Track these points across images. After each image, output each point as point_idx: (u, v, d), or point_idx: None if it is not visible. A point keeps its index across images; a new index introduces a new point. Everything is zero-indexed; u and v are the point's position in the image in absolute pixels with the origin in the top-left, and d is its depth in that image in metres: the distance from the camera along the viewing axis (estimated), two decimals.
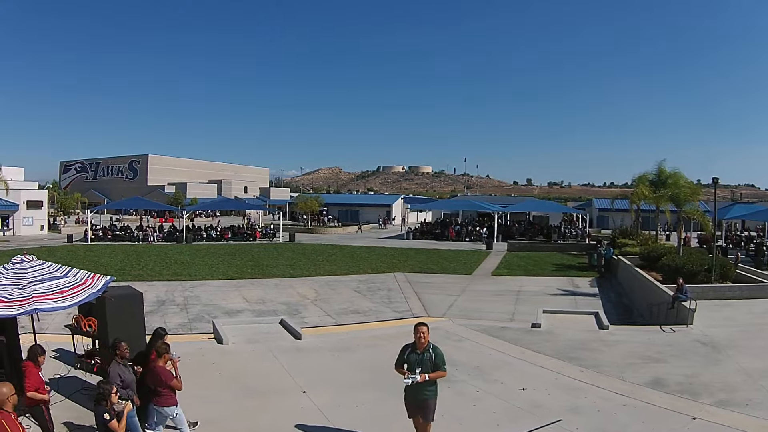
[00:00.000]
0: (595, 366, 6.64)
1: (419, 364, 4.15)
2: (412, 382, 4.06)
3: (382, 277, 17.00)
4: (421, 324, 4.33)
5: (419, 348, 4.24)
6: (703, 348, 7.59)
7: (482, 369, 6.32)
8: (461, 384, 5.30)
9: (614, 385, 5.97)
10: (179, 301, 13.38)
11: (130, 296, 5.79)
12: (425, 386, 4.17)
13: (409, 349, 4.30)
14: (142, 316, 5.86)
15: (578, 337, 8.09)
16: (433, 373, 4.16)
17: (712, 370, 6.64)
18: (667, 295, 10.06)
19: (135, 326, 5.64)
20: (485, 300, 13.79)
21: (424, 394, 4.20)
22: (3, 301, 4.40)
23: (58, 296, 4.76)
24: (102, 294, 5.24)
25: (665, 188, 17.14)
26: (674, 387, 5.96)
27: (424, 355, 4.20)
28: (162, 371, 4.43)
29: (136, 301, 5.79)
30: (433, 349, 4.27)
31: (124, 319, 5.45)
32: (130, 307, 5.64)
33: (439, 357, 4.24)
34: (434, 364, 4.19)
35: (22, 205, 33.06)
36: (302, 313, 12.16)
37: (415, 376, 4.06)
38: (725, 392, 5.81)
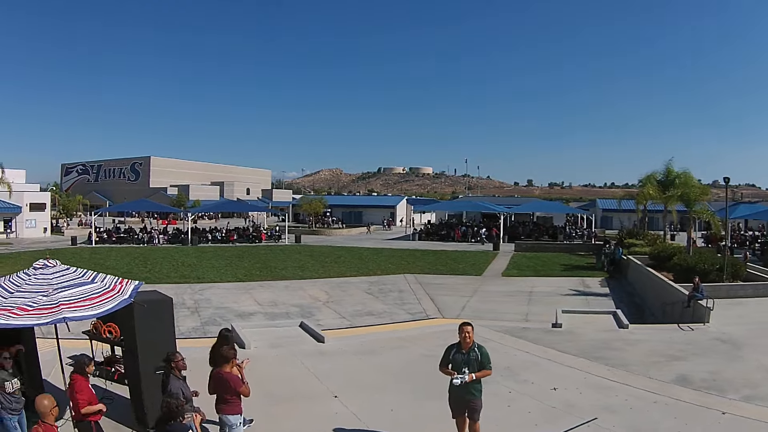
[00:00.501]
0: (622, 365, 6.71)
1: (466, 363, 4.19)
2: (461, 382, 4.09)
3: (393, 279, 17.03)
4: (465, 324, 4.38)
5: (464, 348, 4.28)
6: (722, 345, 7.70)
7: (512, 369, 6.38)
8: (494, 385, 5.35)
9: (642, 383, 6.06)
10: (190, 304, 13.36)
11: (161, 302, 5.55)
12: (472, 386, 4.20)
13: (454, 349, 4.34)
14: (172, 322, 5.62)
15: (600, 336, 8.17)
16: (480, 372, 4.22)
17: (734, 366, 6.75)
18: (682, 294, 10.17)
19: (165, 332, 5.40)
20: (498, 301, 13.85)
21: (471, 393, 4.23)
22: (26, 309, 4.11)
23: (87, 304, 4.42)
24: (133, 301, 4.86)
25: (674, 188, 17.24)
26: (700, 384, 6.06)
27: (470, 355, 4.24)
28: (231, 377, 4.25)
29: (166, 307, 5.56)
30: (479, 348, 4.31)
31: (154, 326, 5.17)
32: (159, 313, 5.39)
33: (485, 356, 4.29)
34: (480, 363, 4.24)
35: (24, 207, 32.99)
36: (316, 316, 12.13)
37: (464, 376, 4.10)
38: (749, 388, 5.92)
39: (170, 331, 5.53)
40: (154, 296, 5.83)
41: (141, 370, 4.98)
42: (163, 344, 5.18)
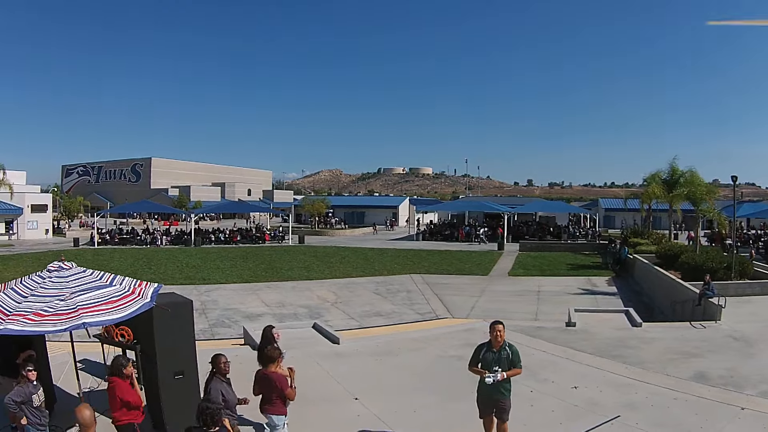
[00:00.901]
0: (639, 363, 6.75)
1: (497, 362, 4.17)
2: (493, 381, 4.06)
3: (399, 279, 17.04)
4: (497, 322, 4.37)
5: (495, 346, 4.27)
6: (735, 343, 7.76)
7: (531, 369, 6.37)
8: (515, 384, 5.30)
9: (661, 380, 6.10)
10: (197, 306, 12.99)
11: (181, 304, 5.33)
12: (502, 385, 4.18)
13: (484, 348, 4.32)
14: (192, 325, 5.43)
15: (614, 335, 8.21)
16: (511, 370, 4.21)
17: (749, 363, 6.81)
18: (692, 293, 10.23)
19: (184, 336, 5.24)
20: (506, 300, 13.88)
21: (501, 393, 4.21)
22: (41, 315, 3.88)
23: (108, 308, 4.23)
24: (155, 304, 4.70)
25: (680, 187, 17.30)
26: (717, 380, 6.11)
27: (501, 353, 4.23)
28: (277, 377, 4.17)
29: (185, 309, 5.34)
30: (510, 347, 4.30)
31: (173, 329, 4.99)
32: (179, 316, 5.18)
33: (516, 354, 4.28)
34: (511, 362, 4.23)
35: (26, 209, 32.90)
36: (325, 316, 12.09)
37: (496, 375, 4.07)
38: (766, 384, 5.98)
39: (190, 335, 5.36)
40: (173, 299, 5.62)
41: (159, 376, 4.85)
42: (182, 348, 5.07)
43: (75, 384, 5.29)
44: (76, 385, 5.08)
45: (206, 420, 3.12)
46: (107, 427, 4.68)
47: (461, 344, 7.61)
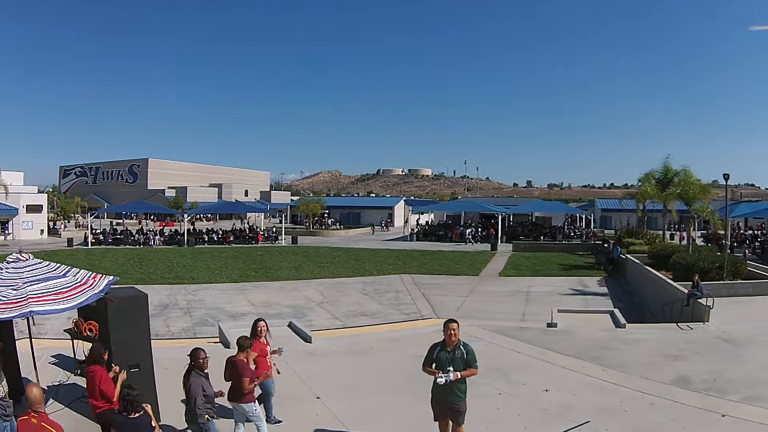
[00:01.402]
0: (618, 365, 6.50)
1: (450, 362, 3.98)
2: (445, 381, 3.88)
3: (389, 279, 16.85)
4: (451, 321, 4.18)
5: (449, 346, 4.08)
6: (723, 345, 7.49)
7: (503, 370, 6.17)
8: (483, 386, 5.14)
9: (639, 384, 5.84)
10: (183, 305, 13.22)
11: (135, 298, 5.34)
12: (457, 387, 4.01)
13: (438, 347, 4.14)
14: (147, 319, 5.43)
15: (596, 336, 7.96)
16: (466, 371, 4.01)
17: (735, 366, 6.54)
18: (681, 293, 9.95)
19: (140, 329, 5.19)
20: (495, 301, 13.65)
21: (456, 395, 4.02)
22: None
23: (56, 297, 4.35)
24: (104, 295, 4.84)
25: (673, 186, 17.04)
26: (699, 384, 5.85)
27: (455, 353, 4.05)
28: (239, 363, 4.25)
29: (140, 303, 5.37)
30: (464, 346, 4.11)
31: (128, 323, 5.04)
32: (134, 310, 5.16)
33: (471, 354, 4.08)
34: (466, 362, 4.03)
35: (21, 209, 32.89)
36: (309, 316, 11.98)
37: (449, 375, 3.89)
38: (751, 389, 5.70)
39: (145, 329, 5.37)
40: (129, 293, 5.67)
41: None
42: (137, 342, 5.07)
43: (46, 376, 5.52)
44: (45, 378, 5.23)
45: (127, 406, 3.36)
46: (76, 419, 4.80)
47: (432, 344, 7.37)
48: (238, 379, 4.21)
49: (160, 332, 10.53)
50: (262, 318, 5.37)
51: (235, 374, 4.23)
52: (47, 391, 5.16)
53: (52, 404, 4.96)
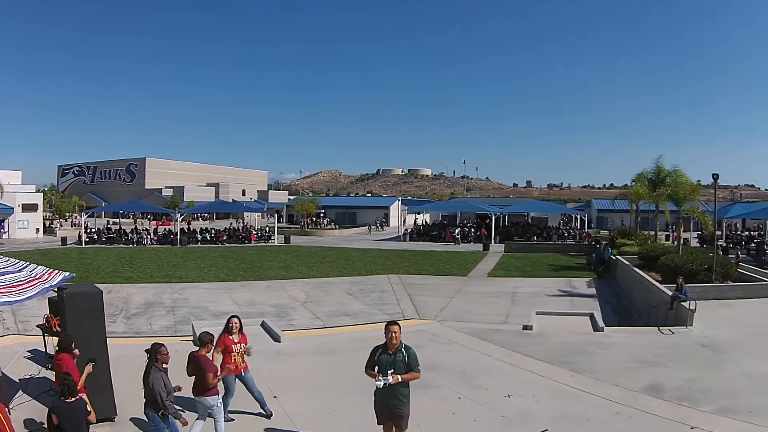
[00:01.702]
0: (589, 370, 6.25)
1: (391, 365, 3.89)
2: (384, 384, 3.80)
3: (376, 279, 16.67)
4: (392, 323, 4.06)
5: (391, 349, 3.99)
6: (703, 350, 7.21)
7: (467, 374, 5.95)
8: (443, 390, 4.94)
9: (608, 391, 5.59)
10: (167, 304, 13.12)
11: (89, 294, 5.46)
12: (398, 391, 3.90)
13: (380, 350, 4.04)
14: (102, 315, 5.58)
15: (572, 339, 7.71)
16: (407, 374, 3.90)
17: (714, 374, 6.26)
18: (666, 296, 9.69)
19: (96, 324, 5.38)
20: (480, 302, 13.43)
21: (397, 399, 3.92)
22: None
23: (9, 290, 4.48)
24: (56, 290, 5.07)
25: (664, 186, 16.75)
26: (672, 393, 5.57)
27: (396, 356, 3.95)
28: (202, 359, 4.38)
29: (95, 299, 5.52)
30: (406, 349, 4.01)
31: (83, 318, 5.21)
32: (89, 305, 5.34)
33: (413, 357, 3.98)
34: (407, 365, 3.93)
35: (17, 208, 32.90)
36: (291, 316, 11.87)
37: (388, 378, 3.80)
38: (727, 398, 5.44)
39: (100, 324, 5.50)
40: (84, 289, 5.77)
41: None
42: (92, 336, 5.18)
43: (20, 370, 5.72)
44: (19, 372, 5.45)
45: (64, 391, 3.67)
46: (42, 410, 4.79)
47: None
48: (201, 374, 4.31)
49: (142, 330, 10.50)
50: (237, 315, 5.40)
51: (198, 369, 4.34)
52: (18, 384, 5.35)
53: (21, 396, 5.11)
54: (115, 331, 10.55)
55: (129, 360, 5.52)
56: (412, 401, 4.02)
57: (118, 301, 13.22)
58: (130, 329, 10.68)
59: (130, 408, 4.98)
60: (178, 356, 7.07)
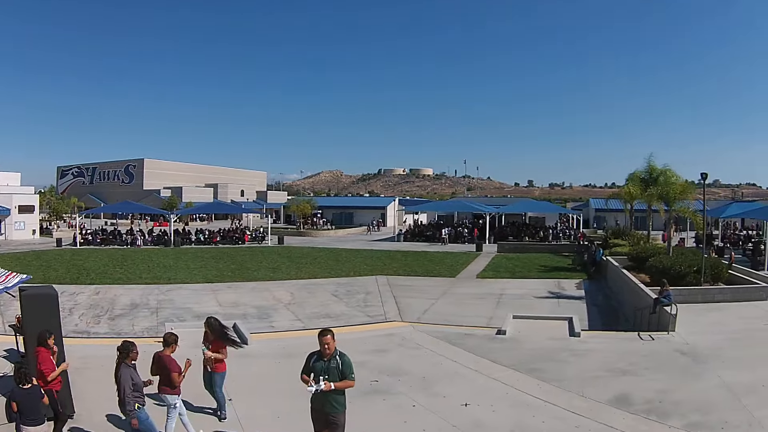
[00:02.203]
0: (556, 379, 5.98)
1: (325, 372, 3.88)
2: (316, 391, 3.79)
3: (363, 280, 16.49)
4: (325, 332, 4.03)
5: (325, 356, 3.98)
6: (682, 358, 6.88)
7: (428, 380, 5.73)
8: (399, 397, 4.73)
9: (572, 402, 5.32)
10: (153, 305, 13.07)
11: (45, 296, 5.68)
12: (333, 398, 3.89)
13: (315, 356, 4.03)
14: (57, 315, 5.76)
15: (545, 345, 7.45)
16: (340, 382, 3.87)
17: (689, 384, 5.93)
18: (651, 299, 9.39)
19: (51, 325, 5.57)
20: (465, 304, 13.19)
21: (332, 406, 3.90)
22: None
23: None
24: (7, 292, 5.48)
25: (655, 186, 16.40)
26: (641, 406, 5.27)
27: (330, 363, 3.94)
28: (167, 359, 4.57)
29: (51, 300, 5.73)
30: (341, 356, 4.00)
31: (39, 318, 5.39)
32: (44, 306, 5.55)
33: (347, 365, 3.95)
34: (341, 373, 3.91)
35: (13, 209, 33.00)
36: (273, 317, 11.75)
37: (320, 385, 3.79)
38: (700, 413, 5.12)
39: (56, 324, 5.68)
40: (41, 291, 5.98)
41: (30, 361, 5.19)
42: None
43: None
44: None
45: (20, 378, 3.99)
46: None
47: (371, 350, 7.04)
48: (165, 373, 4.52)
49: (124, 331, 10.48)
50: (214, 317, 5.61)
51: (163, 368, 4.53)
52: None
53: None
54: (98, 332, 10.50)
55: (97, 360, 5.54)
56: (365, 408, 3.92)
57: (104, 303, 13.17)
58: (112, 330, 10.63)
59: (92, 406, 5.11)
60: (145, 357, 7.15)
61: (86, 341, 9.43)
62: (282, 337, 8.86)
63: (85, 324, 11.10)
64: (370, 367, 6.22)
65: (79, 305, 12.80)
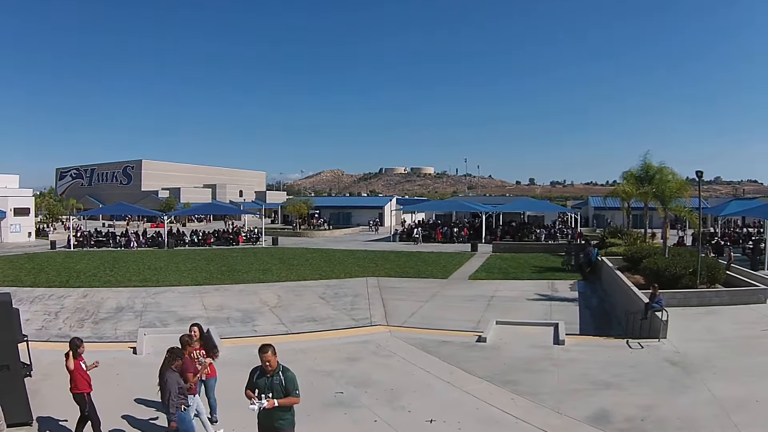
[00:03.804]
0: (532, 393, 5.59)
1: (269, 388, 3.75)
2: (259, 408, 3.64)
3: (352, 283, 16.16)
4: (264, 347, 3.86)
5: (267, 372, 3.84)
6: (671, 369, 6.45)
7: (396, 392, 5.38)
8: (362, 410, 4.41)
9: (547, 419, 4.94)
10: (138, 308, 12.84)
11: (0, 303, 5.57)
12: (279, 414, 3.73)
13: (257, 372, 3.89)
14: (12, 323, 5.65)
15: (525, 354, 7.05)
16: (284, 398, 3.72)
17: (676, 399, 5.50)
18: (643, 303, 8.98)
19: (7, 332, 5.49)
20: (453, 306, 12.82)
21: (278, 422, 3.76)
22: None
23: None
24: None
25: (650, 184, 15.93)
26: (621, 424, 4.87)
27: (273, 379, 3.79)
28: (186, 363, 4.80)
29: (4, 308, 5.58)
30: (284, 372, 3.85)
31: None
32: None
33: (290, 381, 3.80)
34: (285, 389, 3.76)
35: (9, 212, 32.94)
36: (256, 321, 11.46)
37: (262, 402, 3.64)
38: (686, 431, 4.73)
39: (11, 332, 5.56)
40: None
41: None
42: (3, 344, 5.25)
43: None
44: None
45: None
46: None
47: (342, 357, 6.70)
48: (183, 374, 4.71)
49: (106, 335, 10.27)
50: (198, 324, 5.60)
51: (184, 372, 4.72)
52: None
53: None
54: (80, 336, 10.29)
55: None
56: (323, 421, 3.66)
57: (90, 306, 12.96)
58: (94, 334, 10.41)
59: (54, 413, 5.00)
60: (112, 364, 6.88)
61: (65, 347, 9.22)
62: (253, 343, 8.55)
63: (68, 328, 10.88)
64: (337, 377, 5.89)
65: (65, 308, 12.60)
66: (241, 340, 8.77)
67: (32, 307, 12.46)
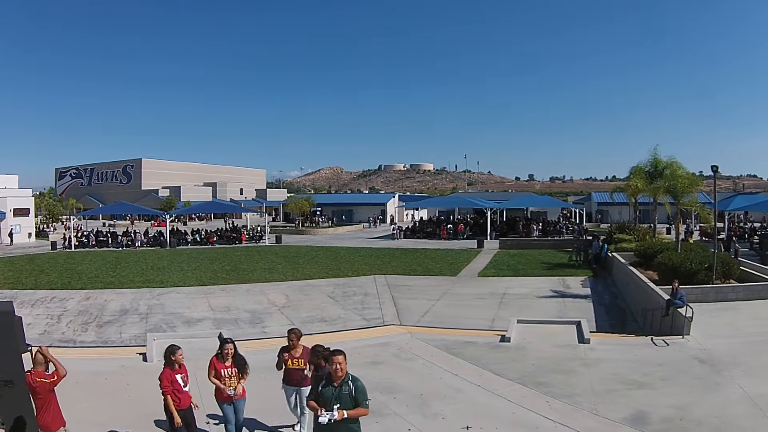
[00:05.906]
0: (567, 395, 5.46)
1: (337, 399, 3.46)
2: (329, 420, 3.36)
3: (361, 281, 15.95)
4: (336, 352, 3.59)
5: (336, 381, 3.53)
6: (699, 367, 6.35)
7: (425, 398, 5.22)
8: (393, 418, 4.22)
9: (585, 422, 4.81)
10: (142, 310, 12.55)
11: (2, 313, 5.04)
12: (347, 427, 3.45)
13: (324, 381, 3.60)
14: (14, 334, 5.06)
15: (552, 354, 6.92)
16: (354, 410, 3.45)
17: (709, 398, 5.41)
18: (662, 299, 8.86)
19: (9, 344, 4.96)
20: (466, 305, 12.66)
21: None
22: None
23: None
24: None
25: (661, 179, 15.78)
26: (658, 425, 4.75)
27: (342, 389, 3.50)
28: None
29: (5, 320, 4.98)
30: (353, 381, 3.56)
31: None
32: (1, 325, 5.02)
33: (360, 391, 3.53)
34: (354, 400, 3.48)
35: (9, 213, 32.56)
36: (265, 322, 11.24)
37: (333, 414, 3.36)
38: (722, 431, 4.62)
39: (13, 344, 4.99)
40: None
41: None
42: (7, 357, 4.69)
43: None
44: None
45: None
46: None
47: (364, 362, 6.50)
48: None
49: (111, 339, 10.02)
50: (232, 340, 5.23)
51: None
52: None
53: None
54: (84, 340, 10.03)
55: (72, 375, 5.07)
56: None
57: (93, 309, 12.69)
58: (99, 338, 10.17)
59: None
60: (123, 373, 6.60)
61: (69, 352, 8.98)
62: (273, 346, 8.34)
63: (72, 332, 10.64)
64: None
65: (68, 311, 12.33)
66: (252, 343, 8.51)
67: (34, 311, 12.18)
